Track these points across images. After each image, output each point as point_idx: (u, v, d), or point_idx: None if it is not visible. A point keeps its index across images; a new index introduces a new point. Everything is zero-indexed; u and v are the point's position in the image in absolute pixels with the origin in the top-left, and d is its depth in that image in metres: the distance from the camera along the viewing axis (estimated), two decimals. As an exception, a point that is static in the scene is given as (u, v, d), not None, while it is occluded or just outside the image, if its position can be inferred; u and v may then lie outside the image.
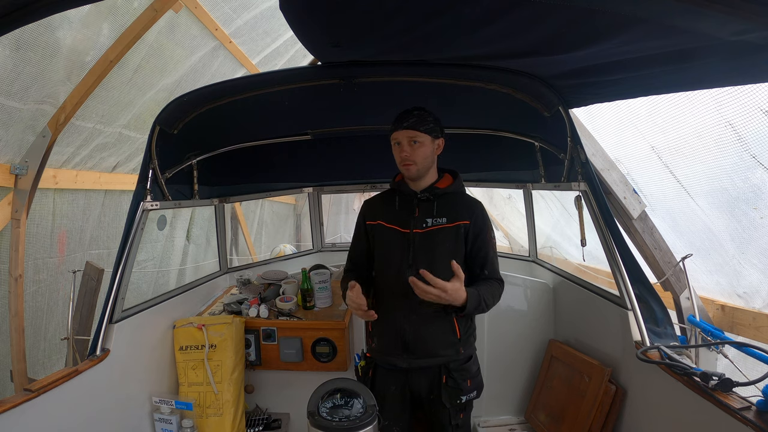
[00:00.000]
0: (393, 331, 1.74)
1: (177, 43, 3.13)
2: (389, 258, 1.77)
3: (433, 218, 1.74)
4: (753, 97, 1.79)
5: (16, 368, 2.71)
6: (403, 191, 1.80)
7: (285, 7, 1.29)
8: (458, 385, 1.74)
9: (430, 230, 1.73)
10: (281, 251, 4.39)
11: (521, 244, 5.80)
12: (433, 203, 1.76)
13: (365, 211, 1.90)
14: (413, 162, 1.71)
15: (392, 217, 1.79)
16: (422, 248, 1.72)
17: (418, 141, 1.71)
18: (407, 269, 1.70)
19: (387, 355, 1.78)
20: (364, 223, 1.87)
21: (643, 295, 1.84)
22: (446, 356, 1.74)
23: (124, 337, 1.95)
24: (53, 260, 3.16)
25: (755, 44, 1.08)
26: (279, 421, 2.54)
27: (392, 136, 1.74)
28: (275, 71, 2.48)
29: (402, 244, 1.74)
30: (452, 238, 1.73)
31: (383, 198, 1.90)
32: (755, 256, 2.37)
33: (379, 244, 1.82)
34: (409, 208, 1.78)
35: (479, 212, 1.78)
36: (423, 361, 1.73)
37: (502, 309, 2.56)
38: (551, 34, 1.39)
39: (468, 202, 1.82)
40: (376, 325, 1.80)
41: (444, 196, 1.78)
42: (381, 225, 1.80)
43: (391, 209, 1.81)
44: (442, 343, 1.73)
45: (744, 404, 1.28)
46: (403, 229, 1.75)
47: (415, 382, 1.77)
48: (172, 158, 2.13)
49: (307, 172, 3.21)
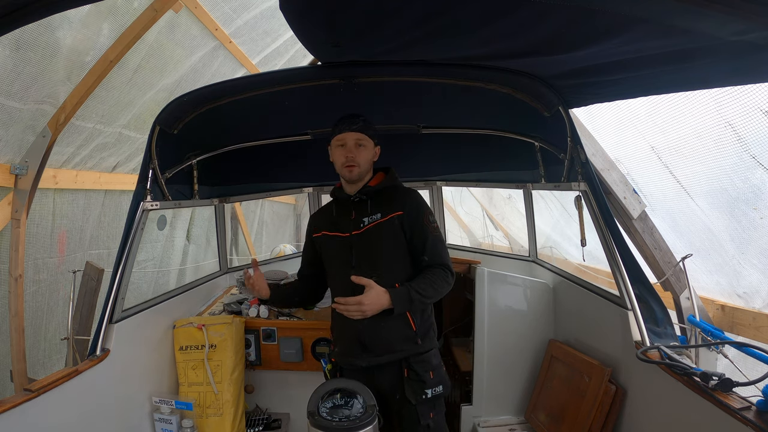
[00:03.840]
0: (350, 334, 1.76)
1: (177, 43, 3.13)
2: (335, 264, 1.83)
3: (369, 216, 1.76)
4: (753, 98, 1.78)
5: (16, 368, 2.71)
6: (339, 197, 1.86)
7: (285, 7, 1.29)
8: (420, 377, 1.72)
9: (367, 228, 1.76)
10: (281, 251, 4.38)
11: (521, 244, 5.80)
12: (367, 202, 1.79)
13: (311, 225, 1.97)
14: (357, 164, 1.74)
15: (332, 225, 1.84)
16: (362, 248, 1.75)
17: (363, 144, 1.76)
18: (351, 271, 1.71)
19: (347, 356, 1.80)
20: (311, 236, 1.93)
21: (643, 295, 1.84)
22: (405, 350, 1.74)
23: (124, 337, 1.95)
24: (53, 260, 3.16)
25: (755, 44, 1.08)
26: (279, 421, 2.54)
27: (336, 137, 1.77)
28: (275, 71, 2.48)
29: (343, 248, 1.78)
30: (388, 231, 1.75)
31: (325, 209, 1.96)
32: (755, 256, 2.37)
33: (325, 253, 1.87)
34: (345, 212, 1.82)
35: (411, 200, 1.79)
36: (382, 358, 1.74)
37: (502, 309, 2.56)
38: (551, 34, 1.39)
39: (401, 192, 1.83)
40: (336, 329, 1.86)
41: (378, 193, 1.80)
42: (325, 235, 1.85)
43: (330, 217, 1.87)
44: (399, 338, 1.74)
45: (744, 404, 1.28)
46: (343, 234, 1.79)
47: (378, 380, 1.76)
48: (172, 158, 2.13)
49: (307, 172, 3.21)
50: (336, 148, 1.78)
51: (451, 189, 6.41)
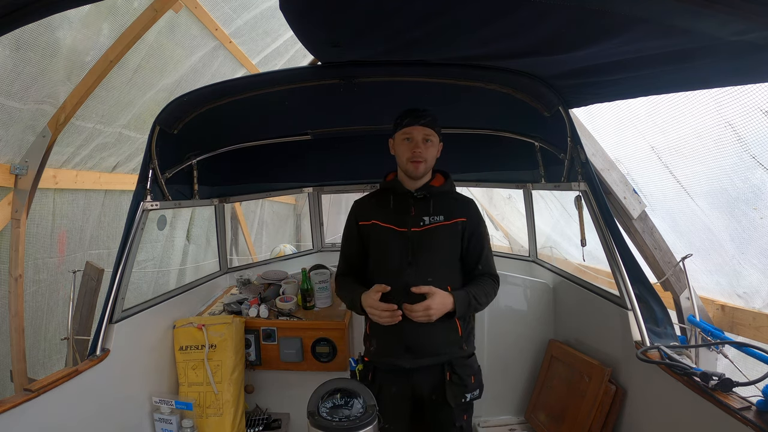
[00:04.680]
0: (395, 332, 1.70)
1: (177, 43, 3.13)
2: (388, 258, 1.74)
3: (431, 216, 1.73)
4: (753, 98, 1.78)
5: (16, 368, 2.71)
6: (398, 190, 1.78)
7: (285, 7, 1.29)
8: (462, 381, 1.73)
9: (428, 228, 1.72)
10: (281, 251, 4.39)
11: (521, 244, 5.80)
12: (429, 201, 1.75)
13: (356, 211, 1.87)
14: (424, 159, 1.70)
15: (387, 217, 1.76)
16: (421, 246, 1.71)
17: (431, 140, 1.71)
18: (407, 268, 1.69)
19: (388, 357, 1.75)
20: (357, 224, 1.84)
21: (643, 295, 1.84)
22: (449, 354, 1.73)
23: (124, 337, 1.95)
24: (53, 260, 3.16)
25: (756, 44, 1.08)
26: (279, 421, 2.54)
27: (404, 130, 1.71)
28: (275, 71, 2.48)
29: (400, 243, 1.72)
30: (450, 235, 1.74)
31: (375, 198, 1.87)
32: (755, 256, 2.37)
33: (376, 244, 1.79)
34: (404, 207, 1.76)
35: (474, 210, 1.81)
36: (426, 360, 1.71)
37: (502, 309, 2.56)
38: (551, 34, 1.39)
39: (462, 200, 1.84)
40: (375, 328, 1.79)
41: (439, 195, 1.78)
42: (376, 225, 1.77)
43: (386, 209, 1.78)
44: (445, 341, 1.72)
45: (744, 404, 1.28)
46: (399, 228, 1.73)
47: (417, 382, 1.74)
48: (172, 158, 2.13)
49: (307, 172, 3.21)
50: (402, 141, 1.72)
51: (451, 189, 6.38)
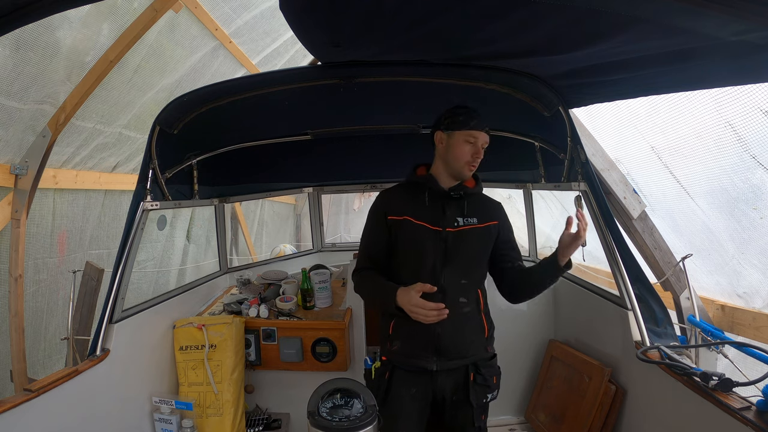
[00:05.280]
0: (424, 333, 1.64)
1: (177, 43, 3.13)
2: (422, 256, 1.67)
3: (464, 218, 1.70)
4: (753, 98, 1.78)
5: (16, 368, 2.71)
6: (433, 188, 1.71)
7: (285, 7, 1.29)
8: (486, 381, 1.71)
9: (462, 229, 1.69)
10: (281, 251, 4.39)
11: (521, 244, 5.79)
12: (464, 202, 1.71)
13: (386, 204, 1.76)
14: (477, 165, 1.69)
15: (422, 214, 1.69)
16: (455, 247, 1.67)
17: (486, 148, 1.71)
18: (442, 268, 1.66)
19: (414, 358, 1.69)
20: (386, 217, 1.72)
21: (643, 295, 1.84)
22: (476, 355, 1.71)
23: (124, 337, 1.95)
24: (53, 260, 3.16)
25: (755, 44, 1.09)
26: (279, 421, 2.54)
27: (471, 132, 1.66)
28: (275, 71, 2.48)
29: (435, 242, 1.66)
30: (483, 238, 1.72)
31: (406, 192, 1.77)
32: (755, 256, 2.37)
33: (408, 241, 1.70)
34: (438, 205, 1.70)
35: (503, 213, 1.82)
36: (453, 363, 1.68)
37: (502, 309, 2.54)
38: (551, 34, 1.39)
39: (493, 203, 1.83)
40: (401, 326, 1.70)
41: (472, 196, 1.75)
42: (408, 221, 1.69)
43: (420, 205, 1.71)
44: (473, 343, 1.71)
45: (744, 404, 1.28)
46: (433, 227, 1.67)
47: (440, 383, 1.70)
48: (172, 158, 2.13)
49: (307, 172, 3.21)
50: (463, 142, 1.66)
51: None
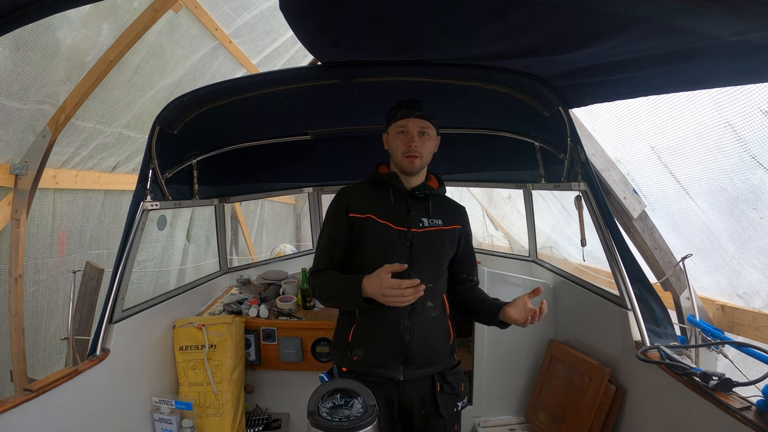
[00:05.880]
0: (390, 340, 1.57)
1: (177, 43, 3.13)
2: (387, 257, 1.56)
3: (429, 219, 1.64)
4: (753, 98, 1.78)
5: (16, 368, 2.71)
6: (397, 186, 1.64)
7: (285, 7, 1.29)
8: (454, 390, 1.65)
9: (427, 230, 1.63)
10: (281, 251, 4.39)
11: (521, 244, 5.80)
12: (428, 203, 1.66)
13: (346, 201, 1.65)
14: (420, 155, 1.58)
15: (386, 212, 1.61)
16: (421, 249, 1.61)
17: (428, 133, 1.60)
18: (407, 270, 1.57)
19: (379, 368, 1.58)
20: (347, 214, 1.63)
21: (643, 295, 1.84)
22: (442, 364, 1.65)
23: (124, 337, 1.95)
24: (53, 260, 3.16)
25: (755, 44, 1.08)
26: (279, 421, 2.54)
27: (398, 123, 1.60)
28: (275, 71, 2.48)
29: (400, 243, 1.60)
30: (447, 241, 1.67)
31: (369, 189, 1.70)
32: (755, 256, 2.37)
33: (371, 240, 1.61)
34: (403, 204, 1.64)
35: (466, 218, 1.77)
36: (421, 372, 1.60)
37: (502, 309, 2.56)
38: (551, 34, 1.39)
39: (457, 206, 1.78)
40: (363, 333, 1.61)
41: (436, 197, 1.70)
42: (372, 219, 1.60)
43: (384, 203, 1.63)
44: (440, 350, 1.64)
45: (744, 404, 1.28)
46: (398, 227, 1.60)
47: (408, 394, 1.61)
48: (172, 158, 2.13)
49: (307, 172, 3.21)
50: (396, 135, 1.61)
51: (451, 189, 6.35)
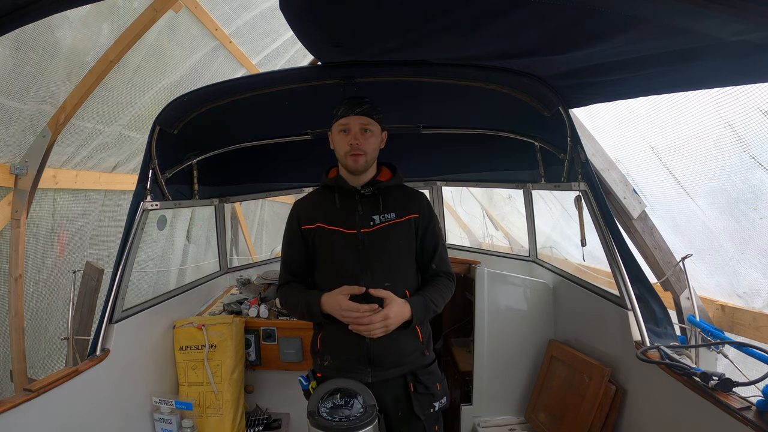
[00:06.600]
0: (353, 345, 1.57)
1: (177, 43, 3.13)
2: (340, 264, 1.58)
3: (381, 214, 1.60)
4: (752, 98, 1.78)
5: (16, 368, 2.71)
6: (343, 187, 1.62)
7: (285, 7, 1.29)
8: (429, 390, 1.62)
9: (379, 227, 1.59)
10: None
11: (521, 244, 5.80)
12: (378, 198, 1.62)
13: (298, 213, 1.67)
14: (363, 152, 1.56)
15: (333, 218, 1.60)
16: (375, 249, 1.58)
17: (370, 129, 1.58)
18: (362, 274, 1.56)
19: (347, 372, 1.60)
20: (299, 227, 1.64)
21: (643, 295, 1.84)
22: (413, 363, 1.62)
23: (124, 337, 1.95)
24: (53, 260, 3.16)
25: (755, 44, 1.09)
26: (279, 421, 2.54)
27: (339, 121, 1.58)
28: (275, 71, 2.48)
29: (352, 246, 1.57)
30: (404, 233, 1.62)
31: (317, 197, 1.71)
32: (755, 256, 2.37)
33: (324, 249, 1.61)
34: (350, 205, 1.61)
35: (425, 204, 1.70)
36: (389, 373, 1.59)
37: (502, 309, 2.56)
38: (551, 34, 1.39)
39: (413, 194, 1.72)
40: (329, 340, 1.65)
41: (388, 189, 1.64)
42: (321, 228, 1.60)
43: (330, 209, 1.62)
44: (407, 350, 1.61)
45: (744, 404, 1.28)
46: (348, 230, 1.58)
47: (379, 396, 1.57)
48: (172, 158, 2.13)
49: (307, 172, 3.21)
50: (338, 134, 1.59)
51: (451, 189, 6.42)
